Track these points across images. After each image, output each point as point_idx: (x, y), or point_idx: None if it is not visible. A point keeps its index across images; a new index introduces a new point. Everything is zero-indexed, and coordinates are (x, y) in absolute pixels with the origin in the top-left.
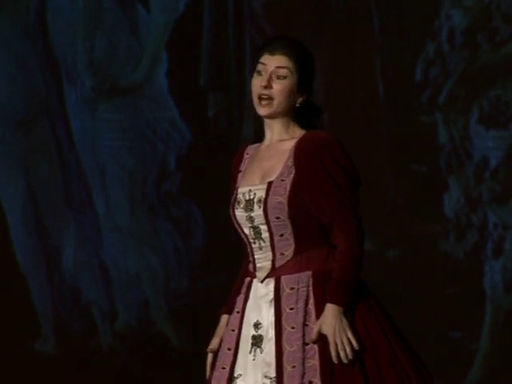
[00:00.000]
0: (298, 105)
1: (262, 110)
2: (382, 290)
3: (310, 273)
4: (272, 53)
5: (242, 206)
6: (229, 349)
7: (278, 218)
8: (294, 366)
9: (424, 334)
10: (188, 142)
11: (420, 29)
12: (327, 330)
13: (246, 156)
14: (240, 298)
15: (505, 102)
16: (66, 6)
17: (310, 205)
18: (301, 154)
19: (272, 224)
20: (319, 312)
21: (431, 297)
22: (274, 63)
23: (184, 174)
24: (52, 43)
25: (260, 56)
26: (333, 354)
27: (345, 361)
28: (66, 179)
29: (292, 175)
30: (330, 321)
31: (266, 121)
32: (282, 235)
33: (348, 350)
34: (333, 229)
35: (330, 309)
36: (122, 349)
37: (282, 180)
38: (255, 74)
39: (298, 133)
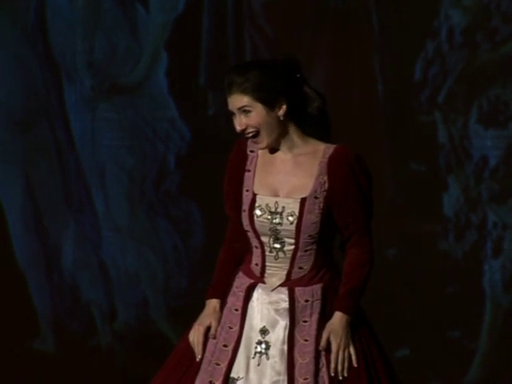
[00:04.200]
0: (282, 118)
1: (257, 146)
2: (381, 290)
3: (320, 285)
4: (228, 94)
5: (264, 215)
6: (225, 345)
7: (310, 235)
8: (306, 379)
9: (423, 333)
10: (187, 142)
11: (419, 28)
12: (334, 339)
13: (250, 154)
14: (237, 296)
15: (504, 102)
16: (65, 6)
17: (336, 217)
18: (336, 170)
19: (301, 241)
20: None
21: (431, 296)
22: (234, 105)
23: (183, 174)
24: (51, 43)
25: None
26: (332, 365)
27: (339, 376)
28: (65, 179)
29: (325, 192)
30: (338, 330)
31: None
32: (306, 251)
33: (346, 364)
34: (350, 240)
35: (339, 317)
36: (122, 348)
37: (316, 197)
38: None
39: (318, 146)
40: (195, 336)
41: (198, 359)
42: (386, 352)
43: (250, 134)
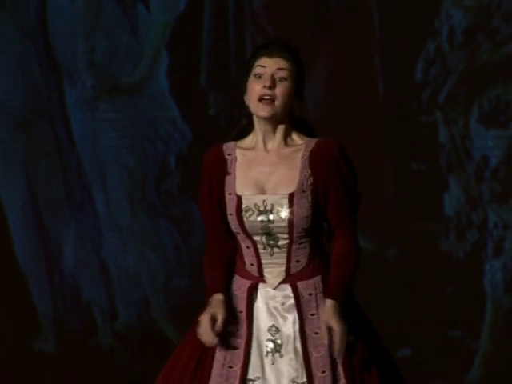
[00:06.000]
0: (291, 107)
1: (263, 112)
2: (381, 290)
3: (320, 277)
4: (270, 55)
5: (254, 215)
6: (235, 347)
7: (303, 229)
8: (323, 372)
9: (424, 333)
10: (188, 142)
11: (420, 28)
12: (335, 323)
13: (228, 157)
14: (239, 299)
15: (505, 102)
16: (66, 5)
17: (322, 209)
18: (318, 163)
19: (295, 234)
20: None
21: (431, 296)
22: (274, 65)
23: (184, 174)
24: (52, 43)
25: (257, 59)
26: (337, 347)
27: (342, 356)
28: (66, 178)
29: (311, 185)
30: (336, 314)
31: (266, 127)
32: (300, 243)
33: (344, 346)
34: (336, 232)
35: (333, 304)
36: (122, 348)
37: (304, 191)
38: (253, 78)
39: (301, 140)
40: (201, 328)
41: (213, 345)
42: (386, 348)
43: (268, 97)
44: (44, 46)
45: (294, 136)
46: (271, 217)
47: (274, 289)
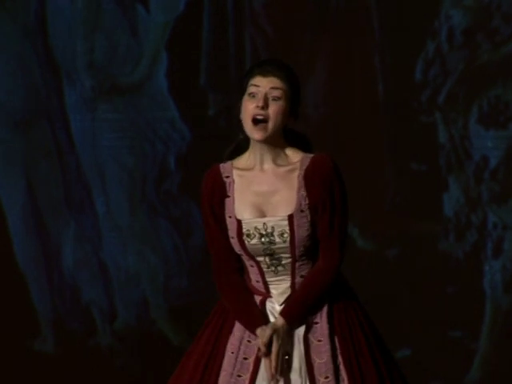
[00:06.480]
0: (286, 125)
1: (257, 135)
2: (381, 290)
3: None
4: (264, 74)
5: (255, 238)
6: (245, 358)
7: (304, 246)
8: (327, 377)
9: (424, 333)
10: (188, 142)
11: (420, 28)
12: (275, 340)
13: (226, 180)
14: None
15: (504, 102)
16: (65, 6)
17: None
18: (313, 183)
19: (297, 253)
20: (340, 323)
21: (431, 296)
22: (268, 84)
23: (184, 174)
24: (52, 43)
25: (250, 78)
26: (273, 363)
27: (277, 376)
28: (65, 179)
29: (308, 205)
30: (280, 333)
31: (259, 147)
32: (304, 260)
33: (280, 368)
34: (320, 253)
35: (282, 323)
36: (122, 348)
37: (302, 211)
38: (247, 97)
39: (296, 157)
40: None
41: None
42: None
43: (261, 117)
44: (43, 47)
45: (290, 153)
46: (272, 239)
47: (280, 305)
